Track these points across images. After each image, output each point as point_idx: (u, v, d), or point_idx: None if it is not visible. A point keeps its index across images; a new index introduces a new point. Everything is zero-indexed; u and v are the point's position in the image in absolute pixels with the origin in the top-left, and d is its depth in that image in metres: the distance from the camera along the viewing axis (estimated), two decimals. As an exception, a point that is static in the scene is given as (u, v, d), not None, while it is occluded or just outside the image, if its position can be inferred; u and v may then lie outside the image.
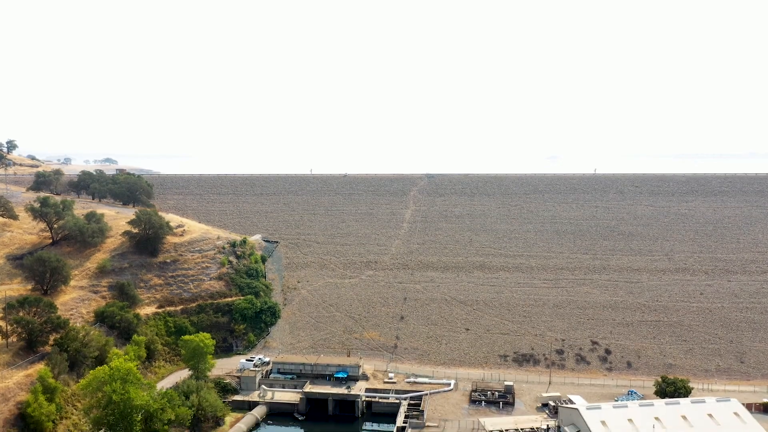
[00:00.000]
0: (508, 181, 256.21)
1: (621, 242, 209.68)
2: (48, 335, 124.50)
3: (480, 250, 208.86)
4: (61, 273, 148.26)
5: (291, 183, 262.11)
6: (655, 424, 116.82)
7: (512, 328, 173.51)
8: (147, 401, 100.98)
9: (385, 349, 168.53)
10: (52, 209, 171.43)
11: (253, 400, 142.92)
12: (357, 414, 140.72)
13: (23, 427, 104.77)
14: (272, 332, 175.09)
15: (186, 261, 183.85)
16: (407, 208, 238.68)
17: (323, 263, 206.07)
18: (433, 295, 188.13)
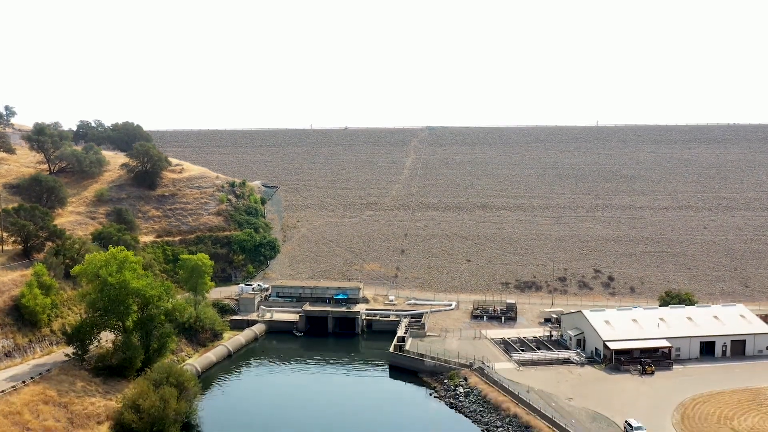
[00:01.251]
0: (509, 131, 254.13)
1: (623, 184, 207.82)
2: (44, 242, 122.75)
3: (481, 192, 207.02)
4: (57, 194, 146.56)
5: (291, 136, 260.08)
6: (659, 323, 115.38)
7: (514, 259, 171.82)
8: (144, 286, 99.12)
9: (385, 279, 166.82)
10: (49, 138, 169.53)
11: (251, 319, 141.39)
12: (357, 331, 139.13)
13: (17, 317, 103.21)
14: (271, 265, 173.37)
15: (184, 195, 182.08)
16: (408, 156, 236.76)
17: (323, 205, 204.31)
18: (434, 231, 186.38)
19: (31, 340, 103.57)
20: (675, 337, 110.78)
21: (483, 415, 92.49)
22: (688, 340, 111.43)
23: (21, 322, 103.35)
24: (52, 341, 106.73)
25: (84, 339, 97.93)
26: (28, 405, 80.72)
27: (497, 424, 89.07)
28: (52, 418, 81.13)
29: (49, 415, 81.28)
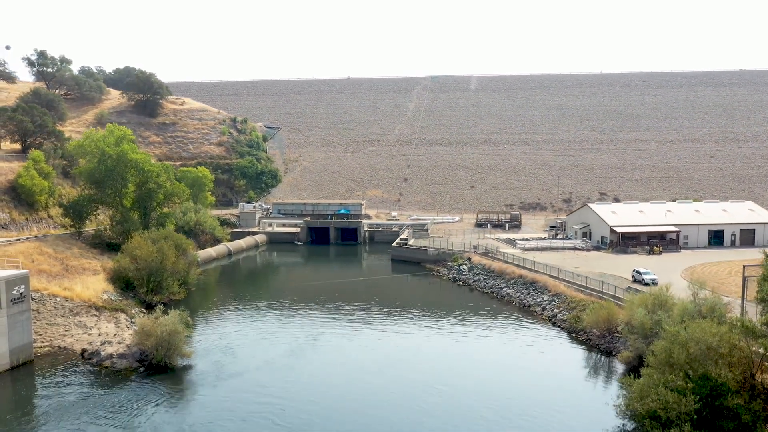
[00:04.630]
0: (512, 79, 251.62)
1: (628, 122, 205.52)
2: (42, 142, 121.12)
3: (484, 130, 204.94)
4: (56, 108, 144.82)
5: (293, 85, 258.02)
6: (667, 213, 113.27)
7: (518, 185, 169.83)
8: (142, 158, 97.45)
9: (388, 203, 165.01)
10: (50, 61, 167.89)
11: (253, 230, 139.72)
12: (359, 241, 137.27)
13: (14, 197, 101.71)
14: (273, 192, 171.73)
15: (186, 125, 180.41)
16: (411, 101, 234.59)
17: (325, 142, 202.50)
18: (437, 162, 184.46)
19: (28, 219, 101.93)
20: (683, 224, 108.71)
21: (487, 282, 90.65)
22: (696, 228, 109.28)
23: (18, 201, 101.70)
24: (50, 225, 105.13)
25: (81, 212, 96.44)
26: (23, 253, 79.15)
27: (501, 286, 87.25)
28: (47, 265, 79.64)
29: (45, 263, 79.78)
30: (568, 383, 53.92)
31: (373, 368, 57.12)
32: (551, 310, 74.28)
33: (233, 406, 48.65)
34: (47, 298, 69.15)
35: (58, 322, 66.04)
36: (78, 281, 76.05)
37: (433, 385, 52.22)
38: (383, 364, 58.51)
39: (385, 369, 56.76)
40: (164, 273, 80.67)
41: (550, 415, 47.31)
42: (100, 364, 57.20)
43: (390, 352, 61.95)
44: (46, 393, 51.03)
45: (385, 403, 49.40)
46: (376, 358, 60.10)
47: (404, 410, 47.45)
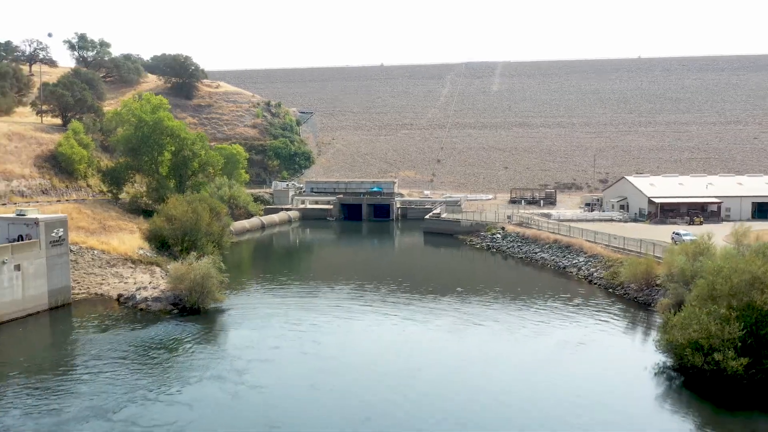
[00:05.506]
0: (547, 64, 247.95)
1: (668, 105, 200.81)
2: (81, 115, 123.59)
3: (519, 114, 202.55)
4: (96, 88, 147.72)
5: (326, 72, 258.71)
6: (708, 185, 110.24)
7: (553, 167, 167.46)
8: (178, 126, 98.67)
9: (421, 183, 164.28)
10: (90, 44, 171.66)
11: (286, 207, 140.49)
12: (391, 217, 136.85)
13: (55, 165, 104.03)
14: (306, 173, 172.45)
15: (221, 107, 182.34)
16: (444, 87, 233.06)
17: (358, 126, 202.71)
18: (470, 144, 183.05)
19: (68, 186, 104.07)
20: (725, 196, 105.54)
21: (521, 248, 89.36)
22: (739, 200, 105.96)
23: (58, 169, 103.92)
24: (88, 193, 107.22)
25: (119, 179, 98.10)
26: (62, 212, 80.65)
27: (536, 251, 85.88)
28: (86, 223, 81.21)
29: (83, 221, 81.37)
30: (606, 328, 52.77)
31: (418, 330, 56.73)
32: (587, 270, 72.80)
33: (264, 344, 48.78)
34: (85, 250, 70.39)
35: (95, 272, 67.15)
36: (115, 237, 77.36)
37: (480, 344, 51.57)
38: (425, 325, 58.04)
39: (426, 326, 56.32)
40: (198, 233, 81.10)
41: (592, 355, 46.50)
42: (135, 307, 58.01)
43: (421, 314, 61.46)
44: (83, 330, 51.88)
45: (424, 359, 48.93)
46: (415, 321, 59.65)
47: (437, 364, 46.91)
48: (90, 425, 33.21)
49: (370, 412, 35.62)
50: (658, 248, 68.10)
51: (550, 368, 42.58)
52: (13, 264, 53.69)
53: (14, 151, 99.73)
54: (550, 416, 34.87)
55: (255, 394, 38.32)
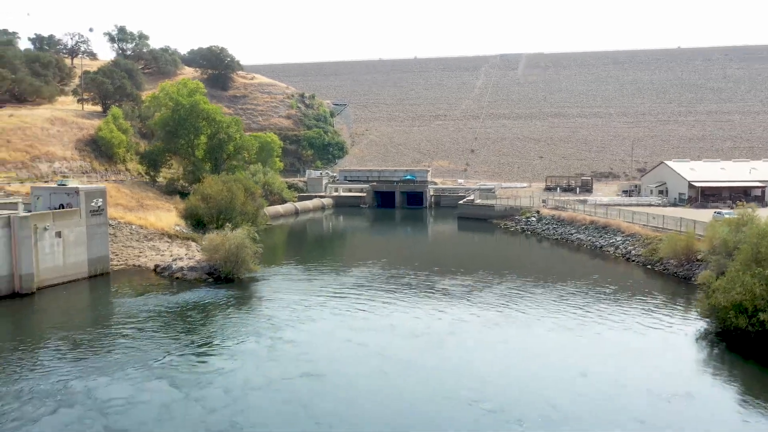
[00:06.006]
0: (584, 56, 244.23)
1: (709, 94, 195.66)
2: (121, 101, 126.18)
3: (554, 104, 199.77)
4: (134, 78, 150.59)
5: (360, 66, 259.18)
6: (751, 170, 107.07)
7: (589, 156, 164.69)
8: (214, 109, 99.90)
9: (454, 173, 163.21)
10: (129, 36, 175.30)
11: (319, 195, 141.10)
12: (425, 205, 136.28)
13: (95, 148, 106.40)
14: (339, 163, 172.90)
15: (255, 98, 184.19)
16: (478, 79, 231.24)
17: (392, 117, 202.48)
18: (505, 135, 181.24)
19: (107, 169, 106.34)
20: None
21: (557, 230, 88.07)
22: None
23: (98, 153, 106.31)
24: (127, 176, 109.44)
25: (156, 161, 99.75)
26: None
27: (572, 232, 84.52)
28: (124, 201, 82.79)
29: (122, 199, 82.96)
30: (646, 300, 51.61)
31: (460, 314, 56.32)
32: (624, 248, 71.30)
33: (299, 306, 49.01)
34: (123, 225, 71.71)
35: (133, 245, 68.37)
36: (152, 214, 78.74)
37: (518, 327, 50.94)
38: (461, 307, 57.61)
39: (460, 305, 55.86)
40: (233, 212, 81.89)
41: (634, 325, 45.58)
42: (172, 276, 58.86)
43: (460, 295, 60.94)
44: (121, 296, 52.80)
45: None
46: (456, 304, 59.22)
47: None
48: (131, 379, 33.71)
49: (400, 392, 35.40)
50: (699, 226, 66.26)
51: (592, 343, 41.77)
52: (55, 231, 54.95)
53: (56, 135, 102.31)
54: (594, 391, 34.08)
55: (290, 347, 38.68)
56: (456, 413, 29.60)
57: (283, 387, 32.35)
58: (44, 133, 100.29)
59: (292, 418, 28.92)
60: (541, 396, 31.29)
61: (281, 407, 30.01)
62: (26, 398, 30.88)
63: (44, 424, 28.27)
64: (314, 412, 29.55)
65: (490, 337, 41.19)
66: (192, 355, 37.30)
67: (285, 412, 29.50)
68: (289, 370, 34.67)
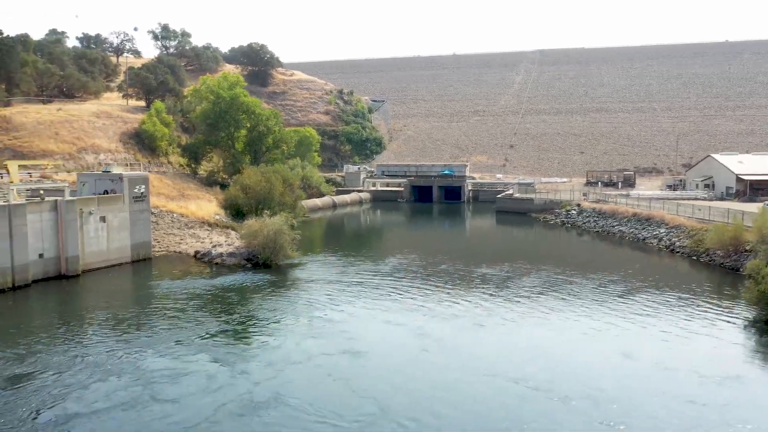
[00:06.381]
0: (626, 50, 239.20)
1: (758, 88, 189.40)
2: (163, 96, 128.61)
3: (596, 99, 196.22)
4: (177, 74, 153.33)
5: (398, 63, 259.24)
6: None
7: (632, 151, 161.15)
8: (254, 102, 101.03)
9: (493, 168, 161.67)
10: (171, 34, 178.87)
11: (357, 189, 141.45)
12: (463, 199, 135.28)
13: (138, 141, 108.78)
14: (377, 158, 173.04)
15: (294, 94, 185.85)
16: (517, 74, 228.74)
17: (429, 113, 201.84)
18: (545, 130, 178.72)
19: (150, 161, 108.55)
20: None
21: (597, 222, 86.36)
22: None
23: (141, 145, 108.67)
24: (168, 169, 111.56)
25: (197, 153, 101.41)
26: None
27: (613, 224, 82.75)
28: (166, 190, 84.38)
29: (164, 188, 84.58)
30: (693, 290, 50.20)
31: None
32: (668, 240, 69.44)
33: (338, 290, 49.15)
34: (165, 213, 73.11)
35: (174, 233, 69.60)
36: (193, 203, 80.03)
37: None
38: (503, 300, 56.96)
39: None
40: (272, 202, 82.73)
41: (682, 308, 44.32)
42: (211, 261, 59.71)
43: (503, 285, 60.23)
44: (163, 279, 53.82)
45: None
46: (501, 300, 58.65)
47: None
48: (175, 352, 34.37)
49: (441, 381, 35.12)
50: (747, 216, 64.08)
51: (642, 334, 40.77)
52: (99, 216, 56.28)
53: (102, 128, 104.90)
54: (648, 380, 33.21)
55: (329, 326, 39.01)
56: (497, 389, 29.26)
57: (323, 362, 32.62)
58: (90, 126, 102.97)
59: (333, 391, 29.15)
60: (587, 377, 30.66)
61: (322, 380, 30.27)
62: (78, 367, 31.85)
63: (95, 390, 29.14)
64: (355, 385, 29.79)
65: (531, 321, 40.56)
66: (233, 332, 37.96)
67: (326, 385, 29.78)
68: (328, 346, 34.92)
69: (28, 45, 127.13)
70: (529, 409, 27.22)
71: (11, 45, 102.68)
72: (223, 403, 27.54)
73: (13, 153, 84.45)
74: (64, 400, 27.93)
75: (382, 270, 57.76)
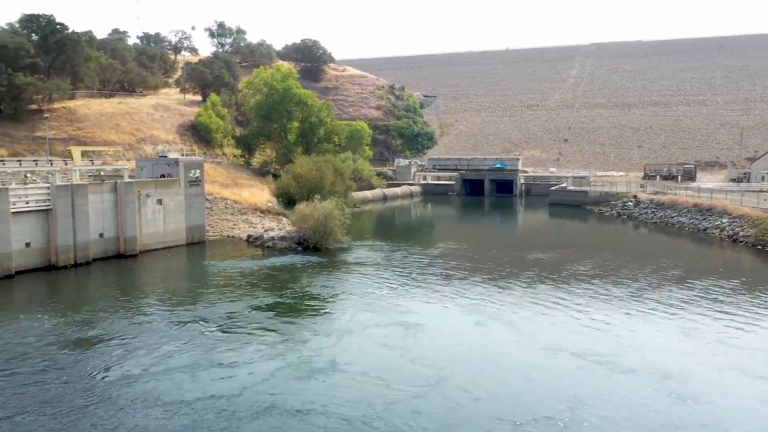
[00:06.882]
0: (685, 43, 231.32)
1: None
2: (218, 89, 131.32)
3: (655, 93, 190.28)
4: (232, 70, 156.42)
5: (450, 58, 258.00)
6: None
7: (693, 145, 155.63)
8: (306, 94, 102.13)
9: (546, 162, 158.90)
10: (227, 31, 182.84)
11: (408, 182, 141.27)
12: (515, 193, 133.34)
13: (195, 133, 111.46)
14: (428, 153, 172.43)
15: (346, 89, 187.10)
16: (572, 68, 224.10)
17: (481, 108, 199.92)
18: (601, 124, 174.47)
19: (206, 153, 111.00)
20: None
21: (656, 213, 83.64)
22: None
23: (197, 137, 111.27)
24: (223, 160, 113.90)
25: (251, 144, 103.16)
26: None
27: (672, 215, 79.95)
28: (220, 179, 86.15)
29: (218, 177, 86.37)
30: (761, 276, 48.09)
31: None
32: (731, 230, 66.61)
33: (385, 276, 49.04)
34: (219, 200, 74.64)
35: (227, 218, 70.96)
36: (246, 191, 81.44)
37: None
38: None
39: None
40: (323, 191, 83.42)
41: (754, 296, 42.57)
42: (263, 245, 60.55)
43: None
44: (217, 260, 54.91)
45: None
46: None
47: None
48: (233, 323, 35.13)
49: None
50: (818, 205, 61.02)
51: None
52: (156, 198, 57.82)
53: (160, 120, 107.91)
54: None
55: (381, 301, 39.43)
56: (557, 362, 28.62)
57: (377, 333, 33.18)
58: (149, 118, 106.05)
59: (390, 359, 29.40)
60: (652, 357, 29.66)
61: (379, 349, 30.70)
62: (140, 334, 33.11)
63: (157, 353, 30.18)
64: (411, 354, 29.96)
65: (594, 311, 39.42)
66: (288, 305, 38.90)
67: (383, 354, 30.12)
68: (382, 319, 35.36)
69: (92, 42, 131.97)
70: (584, 377, 26.49)
71: (76, 40, 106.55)
72: (281, 368, 28.01)
73: (77, 143, 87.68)
74: (128, 361, 29.06)
75: (432, 254, 57.49)
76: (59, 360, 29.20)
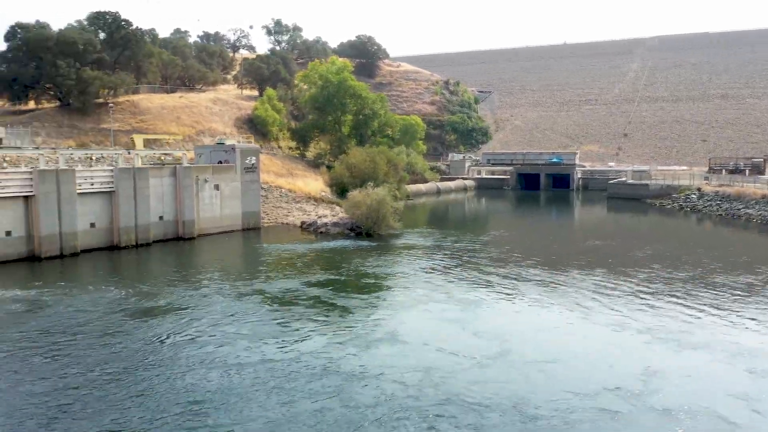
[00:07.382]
0: (753, 35, 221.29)
1: None
2: (274, 84, 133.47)
3: (721, 86, 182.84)
4: (288, 66, 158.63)
5: (506, 53, 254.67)
6: None
7: (762, 139, 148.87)
8: (360, 86, 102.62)
9: (605, 157, 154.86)
10: (284, 28, 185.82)
11: (462, 176, 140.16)
12: (571, 188, 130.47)
13: (251, 127, 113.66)
14: (482, 148, 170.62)
15: (401, 85, 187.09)
16: (633, 62, 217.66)
17: (537, 103, 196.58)
18: (663, 118, 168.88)
19: (261, 145, 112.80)
20: None
21: (720, 206, 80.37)
22: None
23: (254, 130, 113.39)
24: (278, 153, 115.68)
25: (305, 137, 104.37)
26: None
27: (739, 207, 76.67)
28: (275, 168, 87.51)
29: (273, 167, 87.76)
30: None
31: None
32: (804, 221, 63.36)
33: (440, 259, 48.78)
34: (274, 188, 75.81)
35: (282, 206, 71.99)
36: (300, 181, 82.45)
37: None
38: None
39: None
40: (376, 181, 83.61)
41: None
42: (316, 231, 61.11)
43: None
44: (272, 243, 55.70)
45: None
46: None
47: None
48: (288, 300, 35.70)
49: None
50: None
51: None
52: (213, 184, 59.14)
53: (218, 113, 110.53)
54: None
55: (436, 279, 39.92)
56: (617, 341, 27.86)
57: (436, 307, 33.62)
58: (208, 111, 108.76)
59: (448, 331, 29.60)
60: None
61: (438, 323, 30.84)
62: (198, 307, 34.02)
63: (216, 324, 30.92)
64: (471, 327, 30.04)
65: (662, 297, 38.23)
66: (343, 282, 39.81)
67: (440, 326, 30.32)
68: (437, 296, 35.64)
69: (155, 39, 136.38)
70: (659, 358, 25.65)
71: (140, 37, 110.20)
72: (339, 337, 28.54)
73: (140, 134, 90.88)
74: (189, 329, 30.18)
75: (486, 241, 56.89)
76: (126, 326, 30.60)
